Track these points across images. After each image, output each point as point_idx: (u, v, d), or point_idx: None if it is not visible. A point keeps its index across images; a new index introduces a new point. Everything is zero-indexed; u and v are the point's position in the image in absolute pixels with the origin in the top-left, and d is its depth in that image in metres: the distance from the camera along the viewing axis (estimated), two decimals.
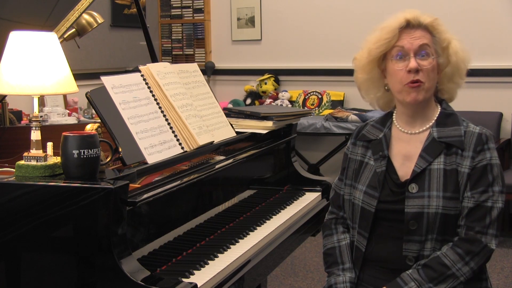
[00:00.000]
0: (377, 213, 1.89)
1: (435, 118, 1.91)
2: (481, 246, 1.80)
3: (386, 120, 1.99)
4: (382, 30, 1.89)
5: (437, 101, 1.94)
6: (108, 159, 1.80)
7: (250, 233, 2.16)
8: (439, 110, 1.92)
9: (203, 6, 6.08)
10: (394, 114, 1.98)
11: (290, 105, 5.55)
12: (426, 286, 1.78)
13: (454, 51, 1.88)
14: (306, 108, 5.50)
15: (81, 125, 2.52)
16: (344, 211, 2.02)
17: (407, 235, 1.84)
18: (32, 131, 1.75)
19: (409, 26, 1.87)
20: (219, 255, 1.93)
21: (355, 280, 1.94)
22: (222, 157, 2.28)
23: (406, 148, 1.91)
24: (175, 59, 6.18)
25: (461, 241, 1.81)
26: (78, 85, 1.87)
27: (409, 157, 1.89)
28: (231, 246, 2.02)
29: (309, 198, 2.65)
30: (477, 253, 1.79)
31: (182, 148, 2.08)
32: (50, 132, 2.28)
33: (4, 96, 2.56)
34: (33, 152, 1.73)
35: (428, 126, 1.90)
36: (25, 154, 1.72)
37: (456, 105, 1.99)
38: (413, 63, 1.83)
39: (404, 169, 1.89)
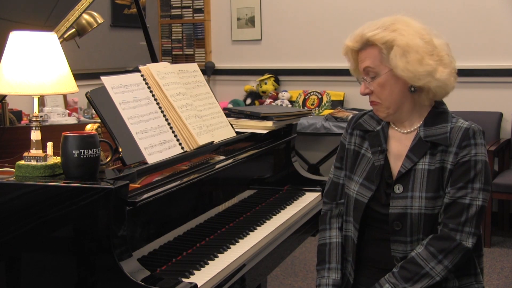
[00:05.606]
0: (367, 211, 1.89)
1: (424, 117, 1.88)
2: (454, 243, 1.76)
3: None
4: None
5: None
6: (108, 159, 1.80)
7: (250, 233, 2.16)
8: (430, 109, 1.89)
9: (203, 6, 6.08)
10: None
11: (290, 105, 5.55)
12: (400, 287, 1.77)
13: (394, 55, 1.77)
14: (306, 108, 5.50)
15: (81, 125, 2.52)
16: (341, 200, 2.01)
17: (392, 236, 1.84)
18: (32, 131, 1.75)
19: (354, 50, 1.88)
20: (219, 255, 1.93)
21: (340, 280, 1.95)
22: (222, 157, 2.28)
23: (398, 147, 1.91)
24: (175, 59, 6.17)
25: (433, 239, 1.79)
26: (78, 85, 1.87)
27: (399, 155, 1.89)
28: (231, 246, 2.02)
29: (309, 198, 2.65)
30: (450, 250, 1.76)
31: (182, 148, 2.08)
32: (50, 132, 2.29)
33: (4, 96, 2.56)
34: (33, 152, 1.73)
35: (417, 126, 1.88)
36: (25, 154, 1.72)
37: (456, 105, 1.98)
38: (361, 89, 1.88)
39: (396, 167, 1.89)
